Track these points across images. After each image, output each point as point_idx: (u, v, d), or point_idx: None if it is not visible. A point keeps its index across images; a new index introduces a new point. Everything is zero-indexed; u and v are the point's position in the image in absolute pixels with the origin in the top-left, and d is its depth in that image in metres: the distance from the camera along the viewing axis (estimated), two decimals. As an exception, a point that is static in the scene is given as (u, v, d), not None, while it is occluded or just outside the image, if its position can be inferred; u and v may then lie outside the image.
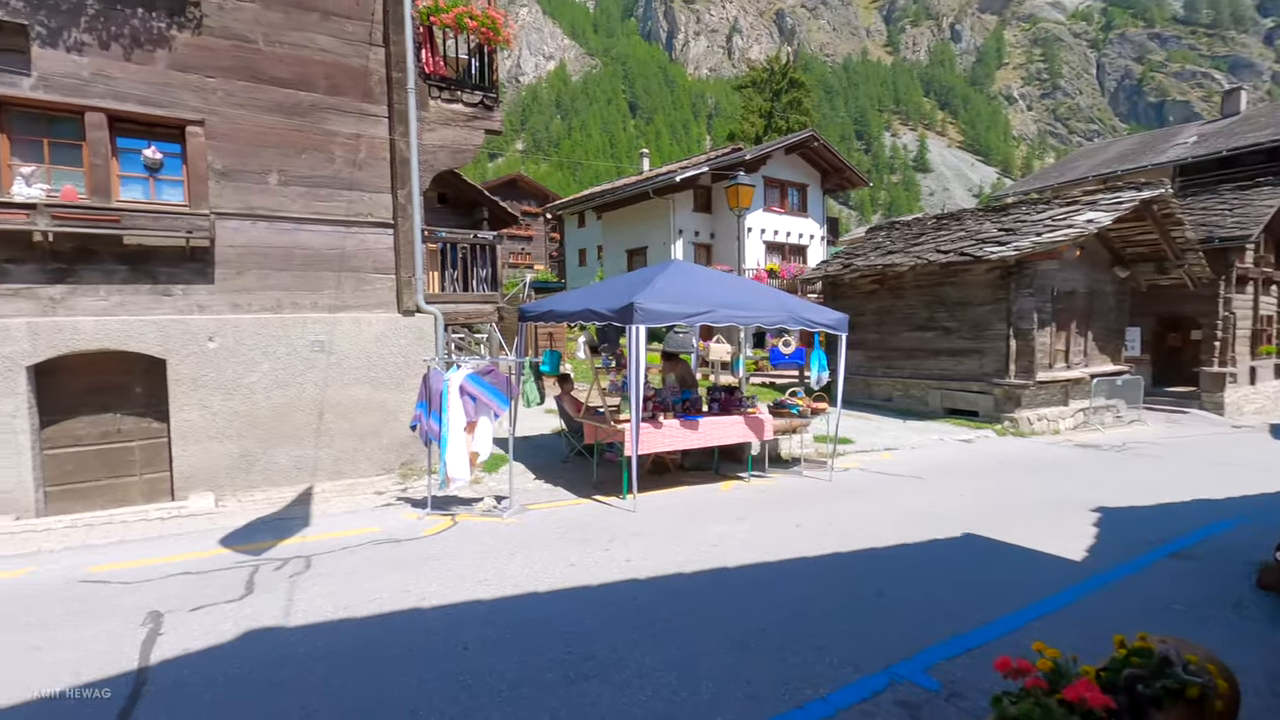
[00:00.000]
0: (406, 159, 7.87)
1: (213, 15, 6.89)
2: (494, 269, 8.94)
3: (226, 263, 7.04)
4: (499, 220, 24.96)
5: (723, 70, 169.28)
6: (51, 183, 6.34)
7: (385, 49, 7.81)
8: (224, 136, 6.99)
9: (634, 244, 26.65)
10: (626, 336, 6.51)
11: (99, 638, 3.58)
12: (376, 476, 7.77)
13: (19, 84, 6.09)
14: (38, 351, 6.12)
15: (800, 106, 47.92)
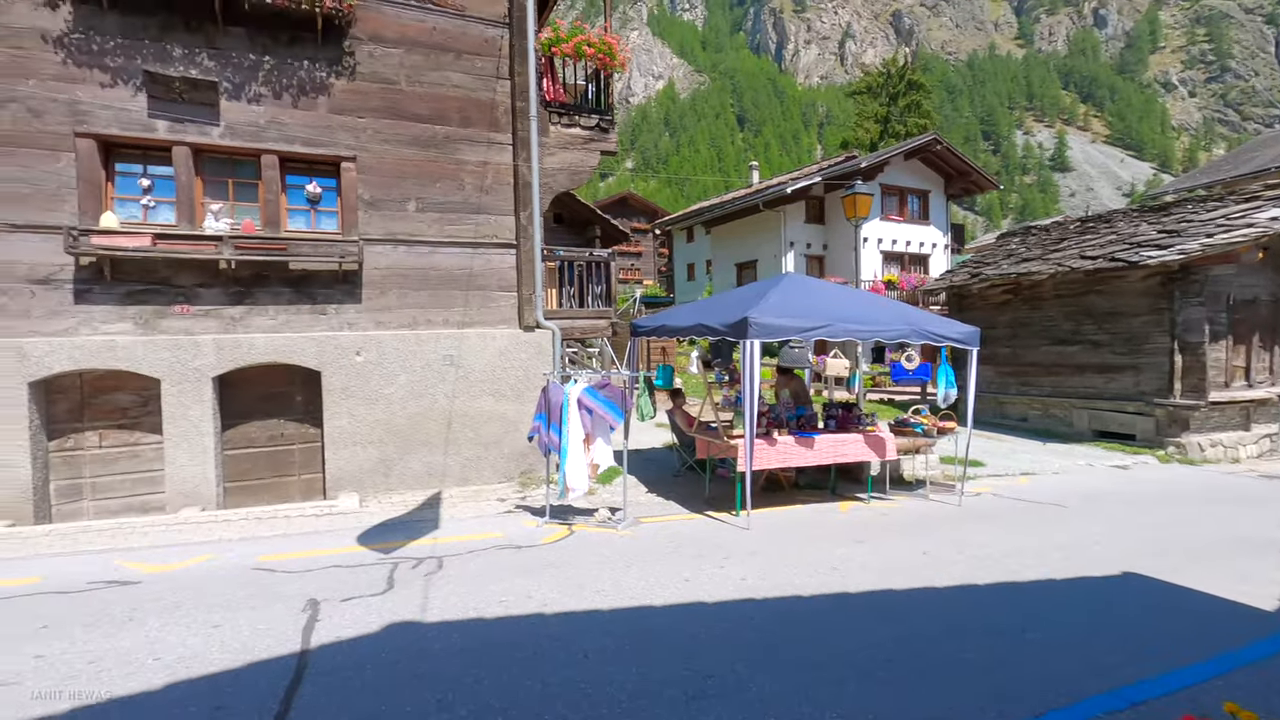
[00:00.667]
0: (528, 183, 8.30)
1: (364, 62, 7.65)
2: (609, 285, 9.19)
3: (372, 284, 7.74)
4: (610, 237, 25.68)
5: (834, 77, 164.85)
6: (234, 217, 7.27)
7: (511, 80, 8.30)
8: (371, 170, 7.72)
9: (743, 257, 26.42)
10: (740, 351, 6.45)
11: (267, 620, 4.01)
12: (498, 484, 8.18)
13: (210, 133, 7.06)
14: (221, 364, 7.01)
15: (919, 109, 45.65)
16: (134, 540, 5.76)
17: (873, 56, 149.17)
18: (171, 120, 6.88)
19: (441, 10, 8.00)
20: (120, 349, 6.65)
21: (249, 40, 7.14)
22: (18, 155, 6.31)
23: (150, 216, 6.97)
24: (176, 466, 6.83)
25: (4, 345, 6.26)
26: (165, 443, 6.82)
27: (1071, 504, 7.49)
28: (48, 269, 6.44)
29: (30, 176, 6.36)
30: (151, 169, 6.98)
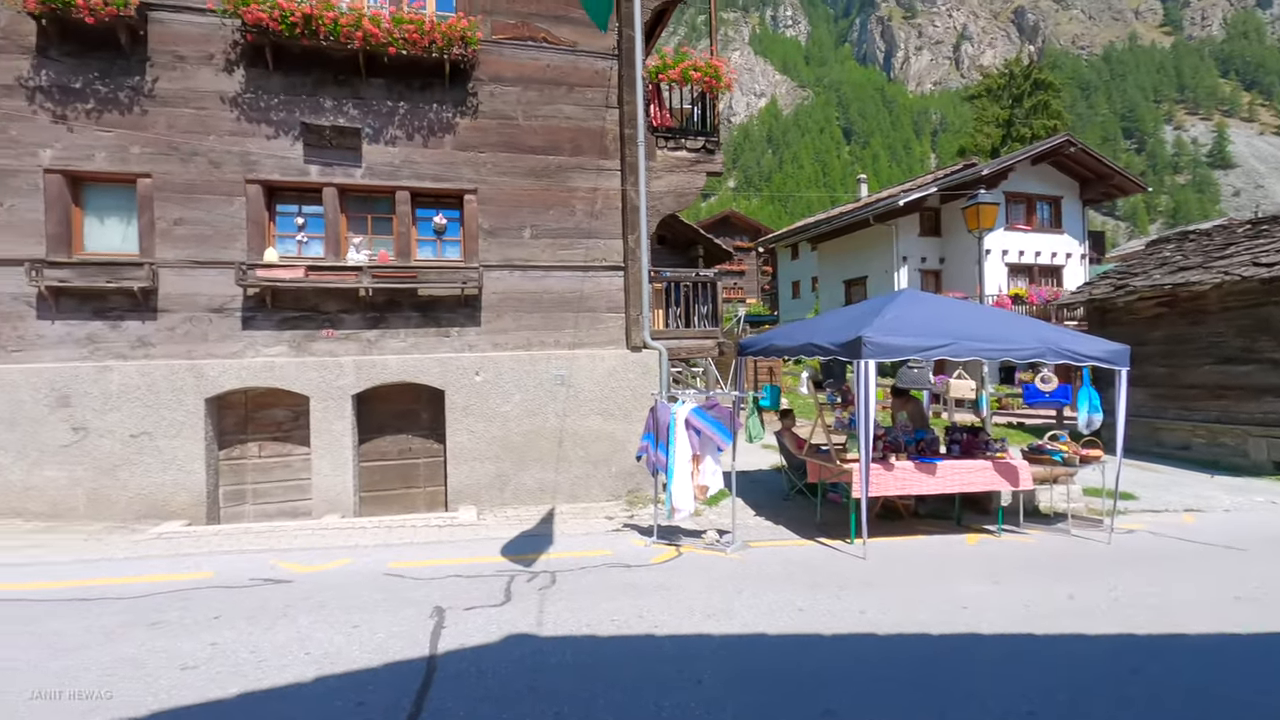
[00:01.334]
0: (636, 206, 8.48)
1: (485, 101, 8.19)
2: (714, 305, 9.18)
3: (490, 307, 8.19)
4: (713, 256, 25.67)
5: (949, 82, 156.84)
6: (372, 248, 7.97)
7: (619, 109, 8.57)
8: (490, 200, 8.21)
9: (852, 274, 25.53)
10: (853, 371, 6.20)
11: (399, 624, 4.29)
12: (606, 502, 8.31)
13: (353, 174, 7.81)
14: (359, 383, 7.66)
15: (1048, 110, 42.42)
16: (286, 542, 6.37)
17: (992, 58, 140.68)
18: (322, 165, 7.68)
19: (555, 48, 8.43)
20: (277, 369, 7.44)
21: (387, 89, 7.86)
22: (203, 201, 7.28)
23: (303, 251, 7.79)
24: (321, 476, 7.51)
25: (187, 366, 7.19)
26: (312, 454, 7.53)
27: (1252, 548, 6.52)
28: (222, 299, 7.34)
29: (211, 219, 7.32)
30: (305, 208, 7.81)
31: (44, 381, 6.77)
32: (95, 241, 7.19)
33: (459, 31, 7.58)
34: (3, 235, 6.80)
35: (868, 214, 23.06)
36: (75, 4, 6.52)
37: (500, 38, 8.22)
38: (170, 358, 7.18)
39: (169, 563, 5.66)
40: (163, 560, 5.73)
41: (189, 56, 7.31)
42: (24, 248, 6.82)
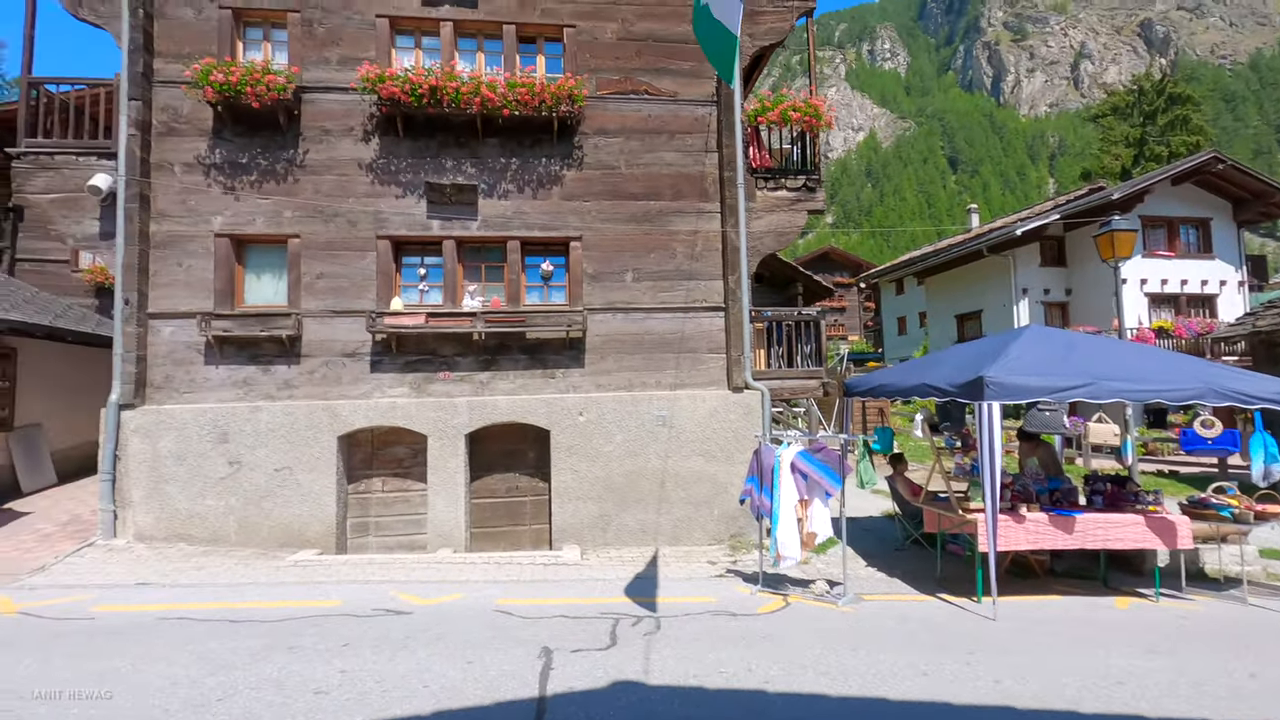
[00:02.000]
0: (736, 247, 8.50)
1: (590, 153, 8.58)
2: (818, 344, 8.94)
3: (593, 349, 8.41)
4: (813, 293, 25.09)
5: (1067, 103, 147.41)
6: (484, 295, 8.46)
7: (718, 153, 8.71)
8: (594, 246, 8.51)
9: (965, 308, 24.11)
10: (976, 414, 5.79)
11: (509, 662, 4.36)
12: (708, 546, 8.15)
13: (470, 227, 8.37)
14: (472, 423, 8.05)
15: (1187, 125, 38.82)
16: (404, 574, 6.71)
17: (1116, 75, 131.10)
18: (443, 219, 8.31)
19: (656, 98, 8.74)
20: (399, 409, 7.97)
21: (500, 147, 8.44)
22: (340, 257, 8.06)
23: (424, 298, 8.38)
24: (436, 511, 7.89)
25: (322, 406, 7.86)
26: (429, 490, 7.94)
27: None
28: (354, 345, 8.02)
29: (347, 272, 8.07)
30: (427, 259, 8.44)
31: (208, 420, 7.63)
32: (253, 295, 8.11)
33: (567, 91, 8.04)
34: (180, 292, 7.81)
35: (981, 245, 21.82)
36: (245, 91, 7.53)
37: (604, 93, 8.64)
38: (310, 398, 7.88)
39: (304, 589, 6.10)
40: (298, 587, 6.19)
41: (333, 130, 8.21)
42: (196, 302, 7.79)
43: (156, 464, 7.49)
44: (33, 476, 9.61)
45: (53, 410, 10.26)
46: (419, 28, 8.51)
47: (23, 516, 8.29)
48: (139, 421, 7.50)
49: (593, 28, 8.70)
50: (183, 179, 7.92)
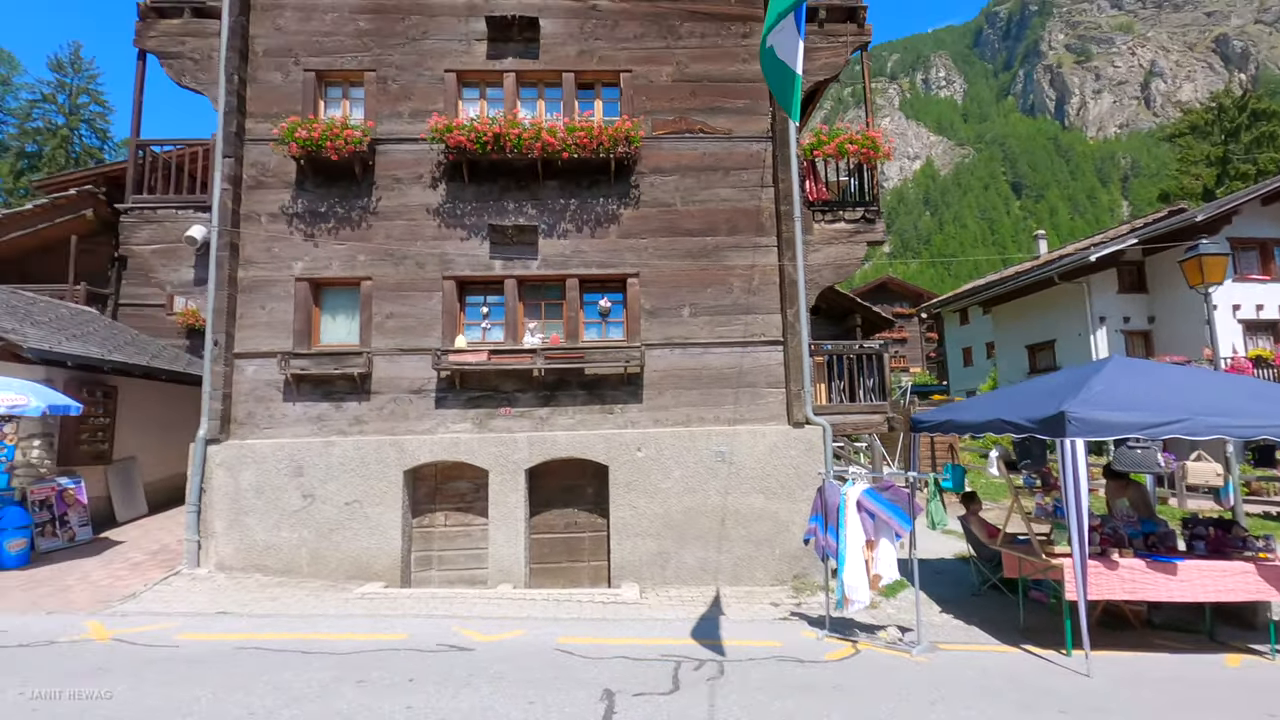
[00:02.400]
0: (794, 280, 8.43)
1: (646, 191, 8.74)
2: (881, 378, 8.69)
3: (651, 385, 8.42)
4: (872, 325, 24.52)
5: (1138, 123, 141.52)
6: (544, 332, 8.63)
7: (774, 187, 8.73)
8: (651, 283, 8.59)
9: (1036, 338, 23.04)
10: (1058, 452, 5.47)
11: (571, 704, 4.30)
12: (770, 587, 7.90)
13: (530, 266, 8.61)
14: (532, 458, 8.14)
15: (1274, 141, 36.57)
16: (466, 609, 6.76)
17: (1192, 92, 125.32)
18: (504, 259, 8.58)
19: (711, 137, 8.87)
20: (462, 444, 8.15)
21: (560, 189, 8.70)
22: (410, 297, 8.41)
23: (486, 336, 8.62)
24: (497, 546, 7.97)
25: (390, 441, 8.12)
26: (489, 525, 8.03)
27: None
28: (420, 381, 8.29)
29: (414, 312, 8.40)
30: (489, 298, 8.70)
31: (285, 455, 7.99)
32: (328, 335, 8.53)
33: (623, 133, 8.25)
34: (263, 333, 8.29)
35: (1051, 272, 20.91)
36: (325, 146, 8.05)
37: (660, 133, 8.83)
38: (378, 434, 8.16)
39: (370, 622, 6.22)
40: (365, 619, 6.32)
41: (404, 177, 8.66)
42: (277, 342, 8.25)
43: (237, 496, 7.87)
44: (127, 507, 10.25)
45: (146, 444, 10.97)
46: (483, 80, 8.96)
47: (117, 545, 8.83)
48: (223, 455, 7.93)
49: (648, 71, 8.95)
50: (268, 228, 8.48)
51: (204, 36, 8.60)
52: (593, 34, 8.96)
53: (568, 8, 8.98)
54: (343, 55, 8.79)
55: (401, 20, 8.86)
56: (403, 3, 8.88)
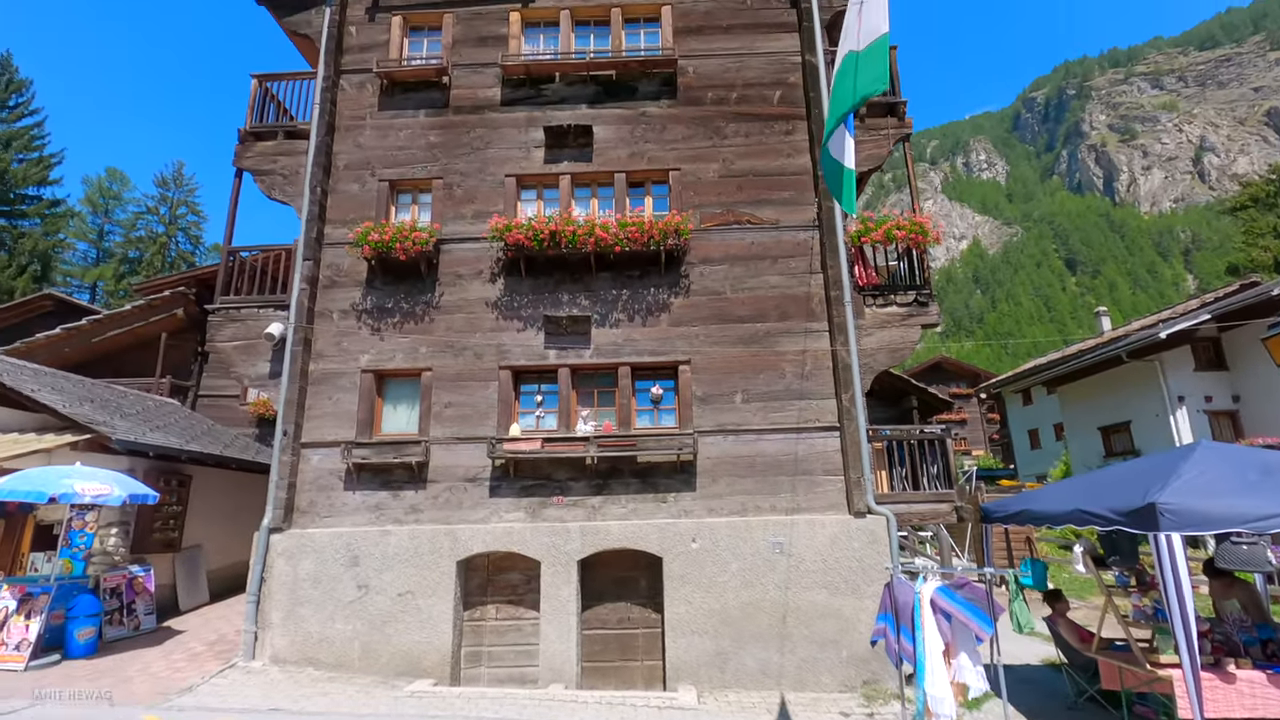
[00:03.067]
0: (848, 365, 8.34)
1: (696, 280, 8.95)
2: (946, 464, 8.32)
3: (704, 473, 8.28)
4: (929, 407, 23.79)
5: (1194, 197, 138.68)
6: (597, 420, 8.68)
7: (823, 273, 8.81)
8: (702, 369, 8.63)
9: (1108, 419, 21.82)
10: (1152, 547, 5.05)
11: (630, 825, 3.98)
12: (838, 693, 7.34)
13: (583, 355, 8.80)
14: (584, 549, 7.99)
15: (1348, 210, 35.11)
16: (516, 711, 6.48)
17: (1247, 165, 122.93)
18: (558, 349, 8.81)
19: (758, 227, 9.12)
20: (515, 534, 8.09)
21: (612, 280, 9.00)
22: (467, 387, 8.66)
23: (540, 424, 8.73)
24: (548, 642, 7.71)
25: (444, 531, 8.14)
26: (541, 619, 7.82)
27: None
28: (475, 470, 8.38)
29: (472, 401, 8.62)
30: (543, 387, 8.88)
31: (342, 544, 8.08)
32: (389, 424, 8.80)
33: (673, 226, 8.58)
34: (329, 423, 8.62)
35: (1119, 350, 20.02)
36: (394, 247, 8.64)
37: (708, 225, 9.14)
38: (433, 523, 8.20)
39: (419, 724, 6.02)
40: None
41: (465, 273, 9.14)
42: (341, 432, 8.55)
43: (295, 586, 7.93)
44: (190, 595, 10.44)
45: (211, 532, 11.30)
46: (541, 182, 9.55)
47: (178, 635, 8.93)
48: (284, 545, 8.07)
49: (695, 169, 9.38)
50: (338, 323, 9.00)
51: (293, 155, 9.54)
52: (642, 137, 9.53)
53: (619, 115, 9.62)
54: (414, 166, 9.56)
55: (468, 133, 9.64)
56: (469, 118, 9.70)
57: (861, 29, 5.87)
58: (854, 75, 5.80)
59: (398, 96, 9.82)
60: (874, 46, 5.69)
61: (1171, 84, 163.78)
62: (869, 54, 5.71)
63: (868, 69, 5.66)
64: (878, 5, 5.82)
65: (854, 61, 5.88)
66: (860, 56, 5.79)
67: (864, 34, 5.84)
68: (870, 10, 5.84)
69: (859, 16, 5.93)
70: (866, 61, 5.71)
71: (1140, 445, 19.93)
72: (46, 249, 35.45)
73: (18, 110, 36.44)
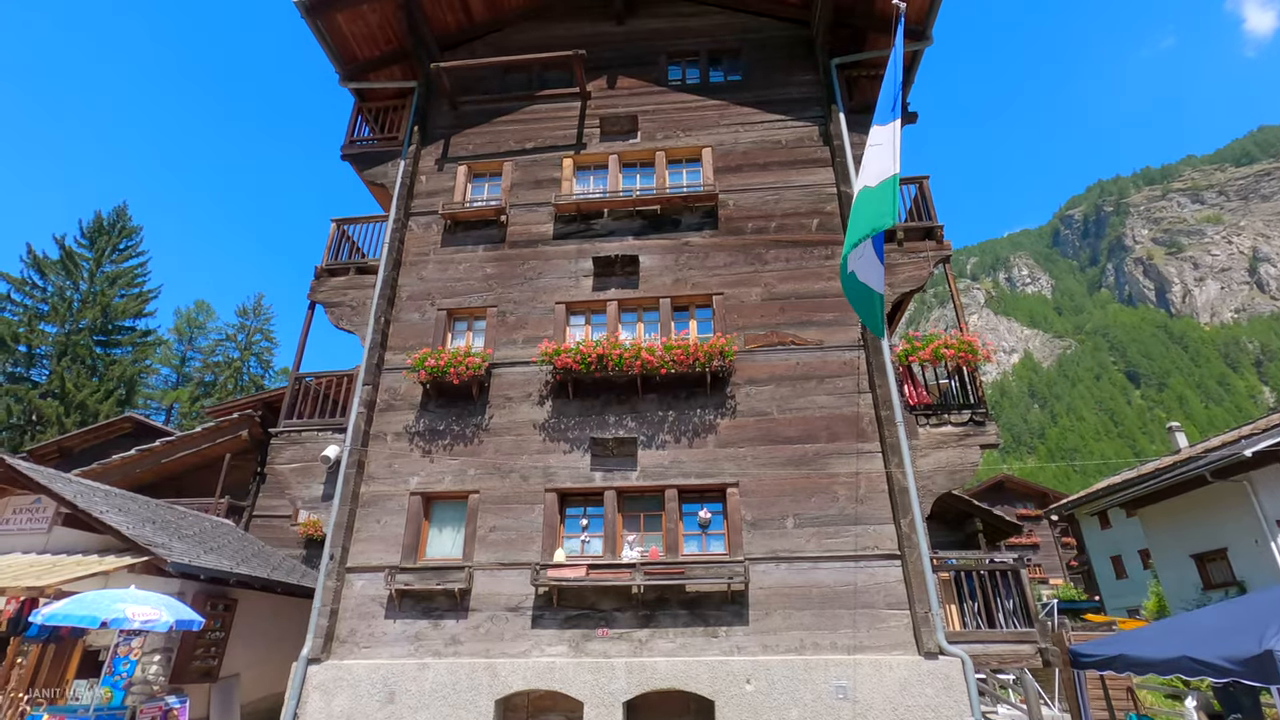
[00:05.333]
0: (904, 488, 8.00)
1: (742, 401, 8.94)
2: (1023, 598, 7.63)
3: (757, 604, 7.81)
4: (995, 530, 22.30)
5: (1256, 307, 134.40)
6: (643, 545, 8.41)
7: (872, 393, 8.70)
8: (751, 493, 8.39)
9: (1201, 546, 19.93)
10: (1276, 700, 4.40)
11: None
12: None
13: (630, 477, 8.70)
14: (630, 689, 7.46)
15: None
16: None
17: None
18: (605, 471, 8.75)
19: (803, 348, 9.19)
20: (557, 670, 7.64)
21: (658, 401, 9.07)
22: (513, 510, 8.61)
23: (585, 549, 8.50)
24: (589, 799, 7.01)
25: (484, 665, 7.75)
26: (582, 771, 7.17)
27: None
28: (518, 598, 8.11)
29: (517, 525, 8.52)
30: (589, 509, 8.74)
31: (379, 678, 7.76)
32: (434, 549, 8.71)
33: (718, 349, 8.73)
34: (375, 546, 8.60)
35: (1201, 469, 18.63)
36: (449, 372, 9.00)
37: (752, 347, 9.26)
38: (473, 655, 7.85)
39: None
40: None
41: (514, 396, 9.37)
42: (386, 556, 8.49)
43: (327, 724, 7.57)
44: (220, 730, 10.04)
45: (250, 660, 11.04)
46: (589, 308, 9.97)
47: (203, 775, 8.50)
48: (321, 677, 7.80)
49: (739, 293, 9.67)
50: (391, 445, 9.22)
51: (361, 289, 10.29)
52: (686, 265, 9.97)
53: (664, 245, 10.15)
54: (470, 295, 10.17)
55: (521, 264, 10.28)
56: (524, 251, 10.39)
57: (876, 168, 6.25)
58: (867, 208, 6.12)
59: (459, 234, 10.66)
60: (885, 184, 6.03)
61: (1212, 198, 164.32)
62: (880, 191, 6.04)
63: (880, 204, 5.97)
64: (890, 148, 6.21)
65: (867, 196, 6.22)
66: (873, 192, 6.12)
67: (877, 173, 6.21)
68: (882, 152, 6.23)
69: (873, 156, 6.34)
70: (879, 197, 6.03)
71: (1242, 576, 17.99)
72: (133, 375, 38.18)
73: (126, 252, 40.83)
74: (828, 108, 10.72)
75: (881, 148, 6.69)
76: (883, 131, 6.94)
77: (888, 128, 6.93)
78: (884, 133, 6.90)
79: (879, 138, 6.94)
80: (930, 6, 10.41)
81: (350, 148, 11.61)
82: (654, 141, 11.03)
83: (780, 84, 11.28)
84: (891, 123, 6.96)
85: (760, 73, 11.46)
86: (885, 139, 6.79)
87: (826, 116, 10.71)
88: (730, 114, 11.10)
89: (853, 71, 11.06)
